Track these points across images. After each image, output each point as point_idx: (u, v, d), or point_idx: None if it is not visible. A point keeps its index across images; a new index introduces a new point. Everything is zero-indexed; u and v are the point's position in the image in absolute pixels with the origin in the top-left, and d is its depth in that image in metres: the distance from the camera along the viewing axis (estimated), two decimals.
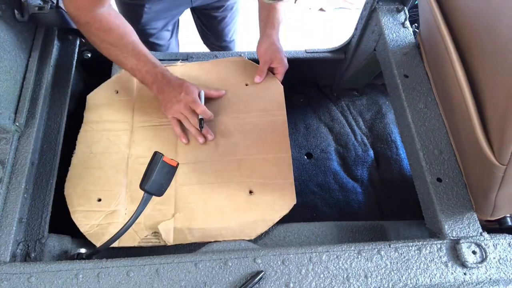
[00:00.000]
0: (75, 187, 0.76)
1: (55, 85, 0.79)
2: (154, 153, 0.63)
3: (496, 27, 0.48)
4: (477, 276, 0.56)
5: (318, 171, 1.03)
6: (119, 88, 0.89)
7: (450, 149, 0.66)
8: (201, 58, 0.97)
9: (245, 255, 0.57)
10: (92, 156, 0.80)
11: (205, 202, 0.75)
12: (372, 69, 1.00)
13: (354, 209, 0.98)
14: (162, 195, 0.64)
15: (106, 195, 0.75)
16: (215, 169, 0.78)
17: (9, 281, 0.54)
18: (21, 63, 0.71)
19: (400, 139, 1.08)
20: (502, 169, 0.50)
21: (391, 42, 0.79)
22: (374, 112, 1.14)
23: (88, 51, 0.94)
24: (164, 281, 0.55)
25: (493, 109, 0.52)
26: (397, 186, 1.02)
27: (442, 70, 0.66)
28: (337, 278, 0.56)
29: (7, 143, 0.65)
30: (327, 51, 1.03)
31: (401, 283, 0.55)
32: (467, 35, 0.58)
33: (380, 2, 0.84)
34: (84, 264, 0.56)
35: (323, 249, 0.57)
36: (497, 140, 0.51)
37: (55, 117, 0.77)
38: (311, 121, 1.11)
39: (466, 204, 0.62)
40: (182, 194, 0.75)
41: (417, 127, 0.68)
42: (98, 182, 0.77)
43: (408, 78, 0.74)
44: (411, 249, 0.57)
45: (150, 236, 0.72)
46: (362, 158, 1.06)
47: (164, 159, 0.62)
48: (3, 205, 0.61)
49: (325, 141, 1.08)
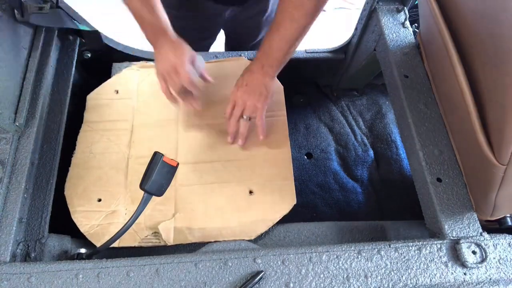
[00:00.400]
0: (75, 188, 0.76)
1: (55, 85, 0.79)
2: (154, 153, 0.63)
3: (496, 27, 0.48)
4: (477, 276, 0.56)
5: (318, 171, 1.03)
6: (119, 88, 0.89)
7: (450, 149, 0.66)
8: None
9: (245, 255, 0.57)
10: (92, 156, 0.80)
11: (205, 202, 0.75)
12: (372, 69, 1.00)
13: (354, 209, 0.98)
14: (162, 195, 0.64)
15: (106, 195, 0.75)
16: (215, 169, 0.78)
17: (9, 281, 0.54)
18: (21, 63, 0.71)
19: (400, 139, 1.08)
20: (502, 169, 0.50)
21: (391, 42, 0.79)
22: (374, 112, 1.14)
23: (88, 51, 0.93)
24: (164, 281, 0.55)
25: (493, 109, 0.52)
26: (397, 186, 1.02)
27: (442, 70, 0.66)
28: (337, 278, 0.56)
29: (7, 143, 0.65)
30: (327, 51, 1.03)
31: (401, 283, 0.55)
32: (467, 35, 0.58)
33: (380, 2, 0.84)
34: (84, 264, 0.56)
35: (323, 249, 0.57)
36: (497, 140, 0.51)
37: (55, 117, 0.76)
38: (311, 121, 1.11)
39: (466, 204, 0.62)
40: (182, 194, 0.75)
41: (417, 127, 0.68)
42: (98, 182, 0.77)
43: (408, 78, 0.74)
44: (411, 249, 0.57)
45: (150, 236, 0.72)
46: (362, 158, 1.06)
47: (164, 159, 0.62)
48: (3, 205, 0.61)
49: (325, 141, 1.08)
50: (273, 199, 0.75)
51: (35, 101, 0.71)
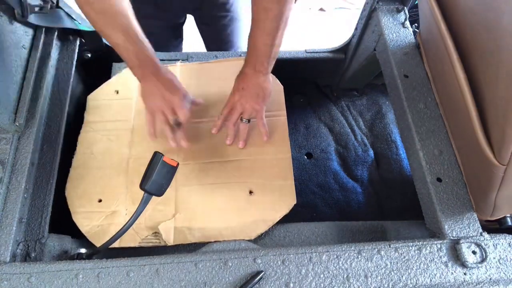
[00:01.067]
0: (76, 188, 0.76)
1: (55, 85, 0.79)
2: (154, 153, 0.63)
3: (496, 27, 0.48)
4: (477, 276, 0.56)
5: (318, 171, 1.03)
6: (120, 88, 0.89)
7: (450, 149, 0.66)
8: (201, 58, 0.97)
9: (245, 255, 0.57)
10: (93, 157, 0.80)
11: (205, 202, 0.75)
12: (372, 69, 1.00)
13: (354, 209, 0.98)
14: (162, 195, 0.64)
15: (107, 196, 0.75)
16: (215, 170, 0.78)
17: (9, 281, 0.54)
18: (21, 63, 0.71)
19: (400, 139, 1.08)
20: (502, 169, 0.50)
21: (391, 42, 0.79)
22: (374, 112, 1.14)
23: (88, 51, 0.93)
24: (164, 281, 0.55)
25: (493, 109, 0.52)
26: (397, 186, 1.02)
27: (442, 70, 0.66)
28: (337, 278, 0.56)
29: (7, 143, 0.65)
30: (327, 51, 1.03)
31: (401, 283, 0.55)
32: (467, 35, 0.58)
33: (380, 2, 0.84)
34: (84, 264, 0.56)
35: (323, 249, 0.57)
36: (497, 140, 0.51)
37: (55, 117, 0.76)
38: (311, 121, 1.11)
39: (466, 204, 0.62)
40: (183, 195, 0.75)
41: (417, 127, 0.68)
42: (99, 183, 0.77)
43: (408, 78, 0.74)
44: (411, 249, 0.57)
45: (151, 237, 0.72)
46: (362, 158, 1.06)
47: (164, 159, 0.62)
48: (3, 205, 0.61)
49: (325, 141, 1.08)
50: (273, 199, 0.75)
51: (35, 101, 0.71)
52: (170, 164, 0.63)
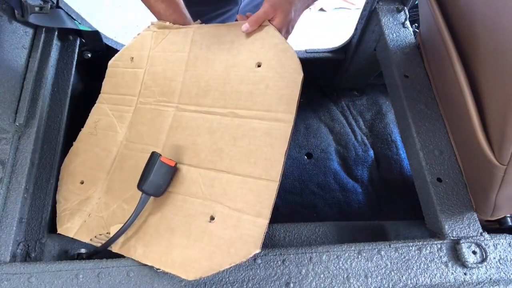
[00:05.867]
0: (70, 163, 0.75)
1: (55, 85, 0.79)
2: (151, 153, 0.63)
3: (496, 27, 0.48)
4: (477, 276, 0.56)
5: (318, 171, 1.03)
6: (134, 54, 0.83)
7: (450, 149, 0.66)
8: None
9: None
10: (94, 132, 0.78)
11: (162, 215, 0.63)
12: (372, 69, 1.00)
13: (354, 209, 0.98)
14: (160, 196, 0.63)
15: (89, 178, 0.73)
16: (189, 178, 0.65)
17: (9, 281, 0.54)
18: (21, 63, 0.71)
19: (400, 139, 1.08)
20: (502, 169, 0.50)
21: (391, 42, 0.79)
22: (374, 112, 1.14)
23: (88, 51, 0.93)
24: (165, 281, 0.55)
25: (493, 109, 0.51)
26: (397, 186, 1.02)
27: (442, 70, 0.66)
28: (337, 278, 0.56)
29: (7, 143, 0.65)
30: (327, 51, 1.03)
31: (401, 283, 0.55)
32: (467, 35, 0.58)
33: (380, 2, 0.84)
34: (84, 264, 0.56)
35: (323, 249, 0.57)
36: (497, 140, 0.51)
37: (55, 117, 0.76)
38: (311, 121, 1.11)
39: (466, 204, 0.62)
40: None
41: (417, 127, 0.68)
42: (87, 163, 0.74)
43: (408, 78, 0.74)
44: (411, 249, 0.57)
45: (104, 236, 0.65)
46: (362, 158, 1.06)
47: (162, 159, 0.62)
48: (3, 205, 0.61)
49: (325, 141, 1.08)
50: (232, 237, 0.57)
51: (35, 101, 0.71)
52: (168, 164, 0.63)
